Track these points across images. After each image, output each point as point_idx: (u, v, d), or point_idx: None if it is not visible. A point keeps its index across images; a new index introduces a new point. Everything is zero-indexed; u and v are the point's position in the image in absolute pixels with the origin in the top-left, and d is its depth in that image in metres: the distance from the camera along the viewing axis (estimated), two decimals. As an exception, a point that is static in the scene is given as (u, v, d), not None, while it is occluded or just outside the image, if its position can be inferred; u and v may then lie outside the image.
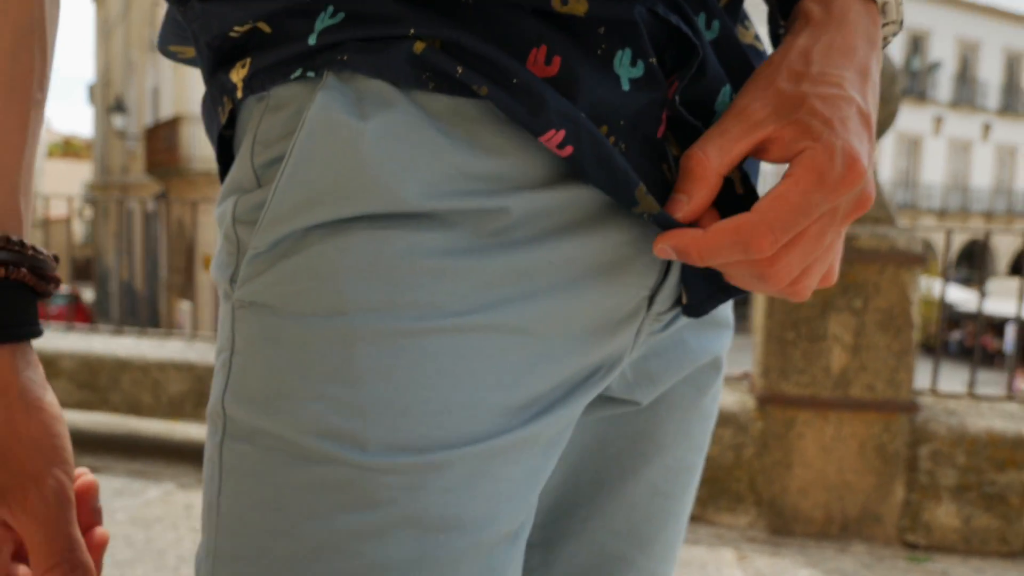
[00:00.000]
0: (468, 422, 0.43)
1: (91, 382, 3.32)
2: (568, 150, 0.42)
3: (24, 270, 0.45)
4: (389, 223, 0.42)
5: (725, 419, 2.71)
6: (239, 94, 0.46)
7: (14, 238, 0.45)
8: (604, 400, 0.57)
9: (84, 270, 21.34)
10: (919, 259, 2.61)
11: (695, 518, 2.74)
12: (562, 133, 0.42)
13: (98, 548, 0.48)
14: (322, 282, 0.42)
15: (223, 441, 0.45)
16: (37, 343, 3.52)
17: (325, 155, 0.42)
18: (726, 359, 0.63)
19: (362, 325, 0.42)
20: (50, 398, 0.46)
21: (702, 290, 0.51)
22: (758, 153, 0.45)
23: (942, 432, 2.62)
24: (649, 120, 0.45)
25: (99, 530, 0.48)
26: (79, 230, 26.10)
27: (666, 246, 0.45)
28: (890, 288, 2.60)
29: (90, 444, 3.41)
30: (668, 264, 0.50)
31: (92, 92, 28.48)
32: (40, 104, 0.48)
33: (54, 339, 3.57)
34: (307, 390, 0.42)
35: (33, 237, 0.48)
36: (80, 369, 3.33)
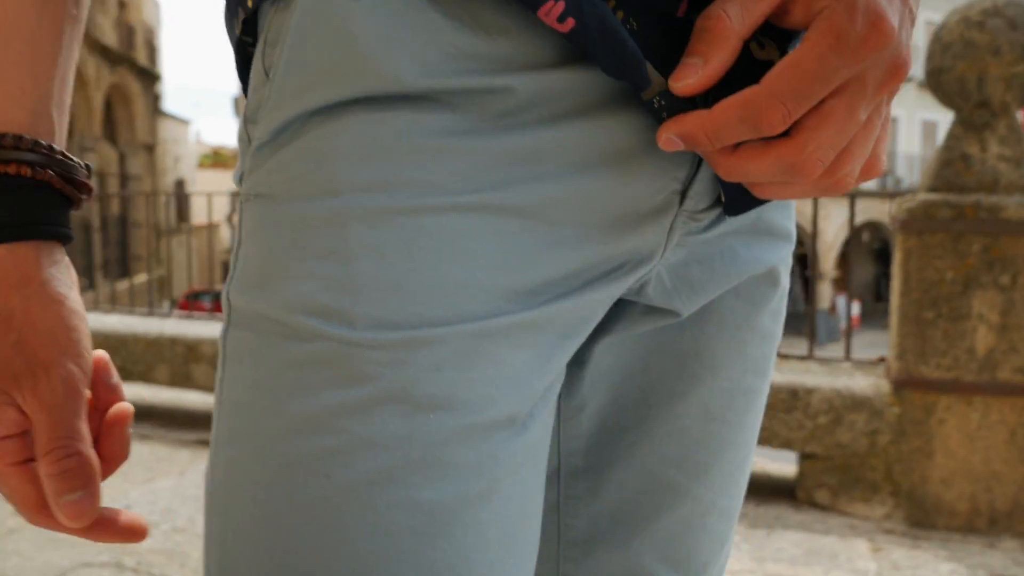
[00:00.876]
0: (463, 301, 0.42)
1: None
2: (569, 23, 0.39)
3: (51, 172, 0.46)
4: (387, 104, 0.41)
5: (858, 403, 2.57)
6: (250, 2, 0.46)
7: (43, 142, 0.46)
8: (644, 311, 0.53)
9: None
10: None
11: (825, 508, 2.61)
12: (561, 5, 0.39)
13: (121, 422, 0.48)
14: (318, 165, 0.42)
15: (227, 331, 0.46)
16: (186, 327, 3.73)
17: (318, 36, 0.41)
18: (788, 275, 0.58)
19: (356, 204, 0.41)
20: (74, 296, 0.46)
21: (735, 184, 0.45)
22: (778, 18, 0.40)
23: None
24: None
25: (121, 405, 0.49)
26: (226, 235, 27.59)
27: (670, 135, 0.40)
28: (1043, 263, 2.40)
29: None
30: (699, 156, 0.45)
31: (237, 104, 30.05)
32: (76, 20, 0.49)
33: (196, 327, 3.78)
34: (299, 270, 0.42)
35: (185, 242, 0.50)
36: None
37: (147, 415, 3.70)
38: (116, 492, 2.67)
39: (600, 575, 0.60)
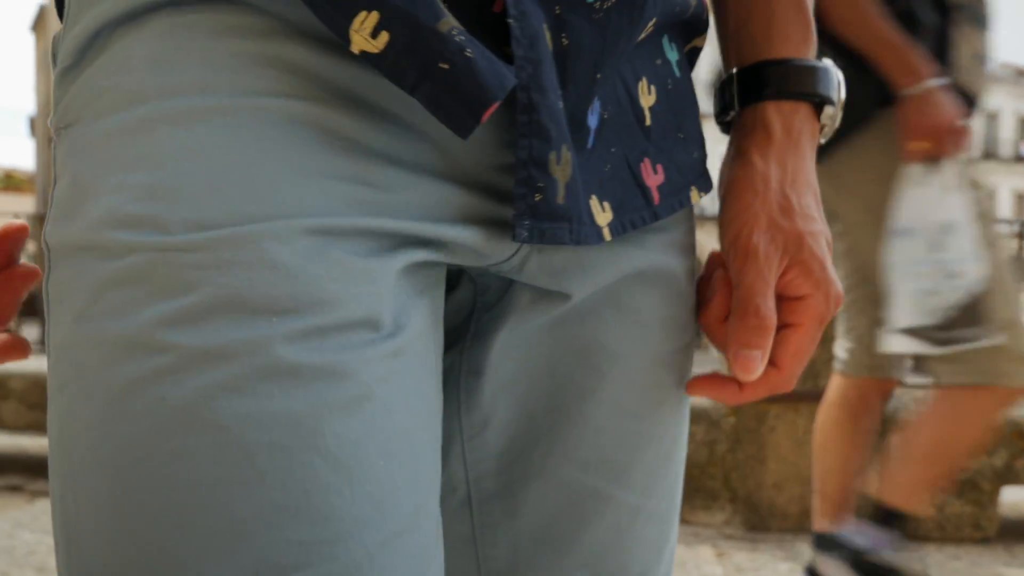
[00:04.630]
0: (292, 196, 0.38)
1: (43, 402, 3.19)
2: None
3: None
4: (193, 7, 0.39)
5: (697, 415, 2.69)
6: None
7: None
8: (533, 298, 0.52)
9: (30, 305, 20.97)
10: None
11: (671, 518, 2.71)
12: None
13: (21, 279, 0.51)
14: (124, 75, 0.39)
15: (48, 277, 0.41)
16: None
17: None
18: (686, 273, 0.57)
19: (167, 108, 0.38)
20: None
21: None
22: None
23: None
24: None
25: (22, 265, 0.51)
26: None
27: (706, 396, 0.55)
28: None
29: (45, 468, 3.28)
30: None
31: (33, 124, 27.90)
32: None
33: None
34: (107, 185, 0.38)
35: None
36: (31, 389, 3.21)
37: (-59, 462, 3.33)
38: (-91, 550, 2.36)
39: None
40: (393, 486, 0.39)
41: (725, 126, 0.60)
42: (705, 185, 0.57)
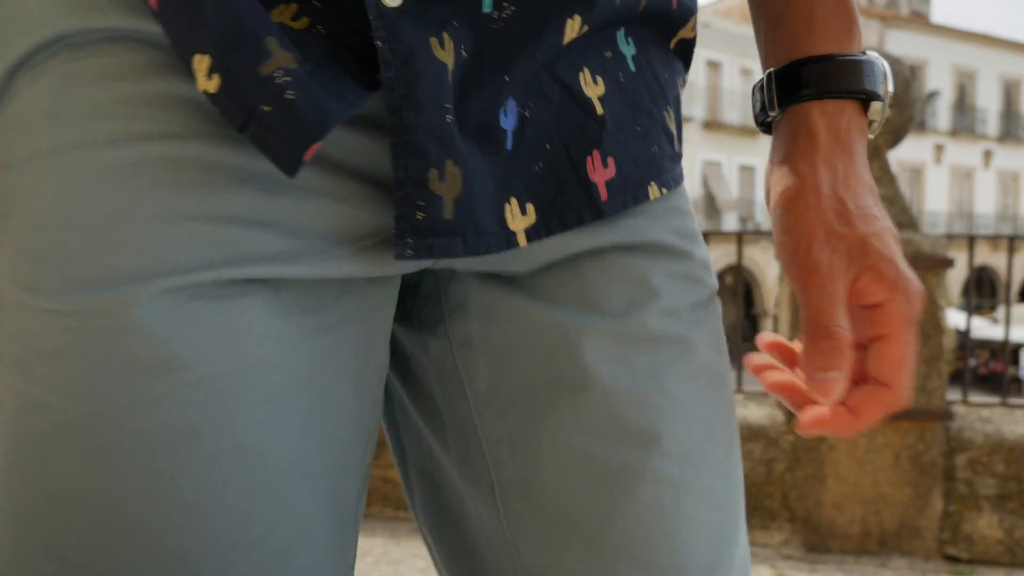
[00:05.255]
0: (159, 249, 0.40)
1: None
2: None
3: None
4: (85, 49, 0.40)
5: (754, 433, 2.64)
6: None
7: None
8: (482, 279, 0.51)
9: None
10: (945, 263, 2.57)
11: (727, 537, 2.66)
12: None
13: None
14: (23, 130, 0.41)
15: None
16: None
17: None
18: (669, 276, 0.53)
19: (54, 164, 0.40)
20: None
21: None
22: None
23: (979, 440, 2.55)
24: None
25: None
26: None
27: (818, 431, 0.50)
28: (917, 294, 2.55)
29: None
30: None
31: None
32: None
33: None
34: (8, 240, 0.41)
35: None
36: None
37: None
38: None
39: None
40: (257, 526, 0.42)
41: (765, 127, 0.57)
42: (667, 182, 0.54)
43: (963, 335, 4.16)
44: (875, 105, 0.53)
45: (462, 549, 0.56)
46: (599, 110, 0.49)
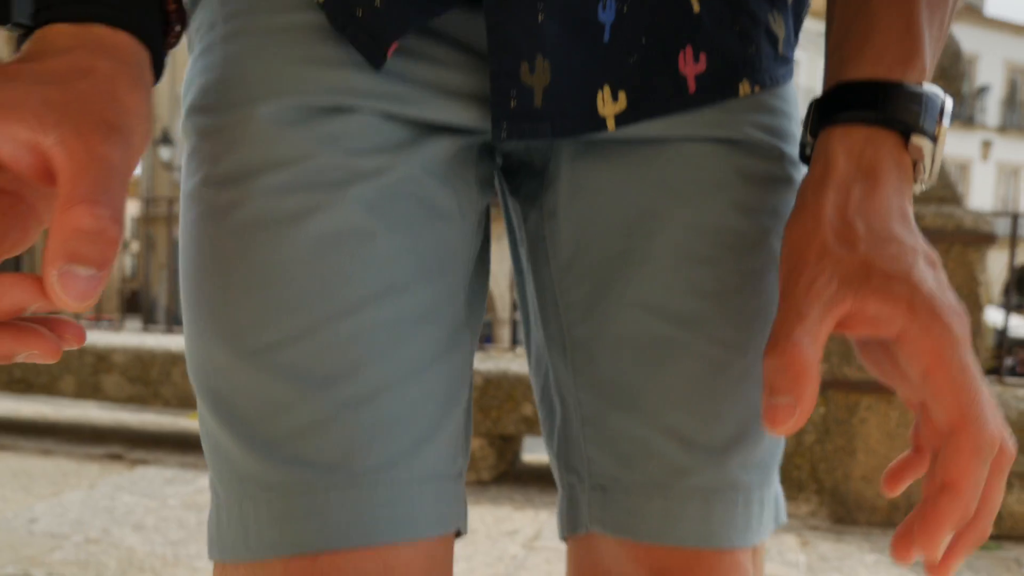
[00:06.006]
0: (292, 79, 0.50)
1: (143, 376, 3.34)
2: None
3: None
4: None
5: (784, 404, 2.63)
6: None
7: None
8: (575, 155, 0.57)
9: (132, 302, 21.86)
10: (988, 238, 2.53)
11: (754, 507, 2.65)
12: None
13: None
14: (207, 5, 0.54)
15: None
16: (95, 335, 3.54)
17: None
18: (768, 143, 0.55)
19: (223, 31, 0.53)
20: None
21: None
22: (840, 328, 0.43)
23: (1012, 417, 2.52)
24: None
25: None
26: (128, 264, 26.66)
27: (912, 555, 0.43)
28: (957, 268, 2.52)
29: (142, 439, 3.43)
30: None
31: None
32: None
33: (106, 336, 3.62)
34: (193, 83, 0.54)
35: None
36: (132, 363, 3.36)
37: (50, 431, 3.51)
38: (20, 507, 2.51)
39: (617, 440, 0.56)
40: (367, 287, 0.49)
41: (806, 160, 0.52)
42: (762, 80, 0.55)
43: (1001, 334, 4.09)
44: (919, 141, 0.47)
45: (547, 394, 0.64)
46: (696, 8, 0.52)
